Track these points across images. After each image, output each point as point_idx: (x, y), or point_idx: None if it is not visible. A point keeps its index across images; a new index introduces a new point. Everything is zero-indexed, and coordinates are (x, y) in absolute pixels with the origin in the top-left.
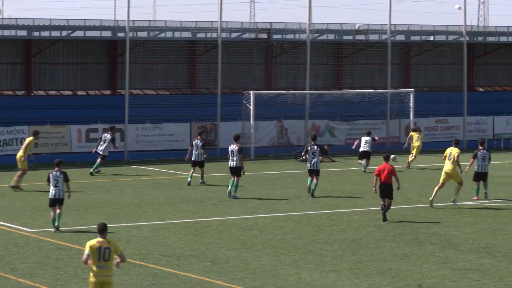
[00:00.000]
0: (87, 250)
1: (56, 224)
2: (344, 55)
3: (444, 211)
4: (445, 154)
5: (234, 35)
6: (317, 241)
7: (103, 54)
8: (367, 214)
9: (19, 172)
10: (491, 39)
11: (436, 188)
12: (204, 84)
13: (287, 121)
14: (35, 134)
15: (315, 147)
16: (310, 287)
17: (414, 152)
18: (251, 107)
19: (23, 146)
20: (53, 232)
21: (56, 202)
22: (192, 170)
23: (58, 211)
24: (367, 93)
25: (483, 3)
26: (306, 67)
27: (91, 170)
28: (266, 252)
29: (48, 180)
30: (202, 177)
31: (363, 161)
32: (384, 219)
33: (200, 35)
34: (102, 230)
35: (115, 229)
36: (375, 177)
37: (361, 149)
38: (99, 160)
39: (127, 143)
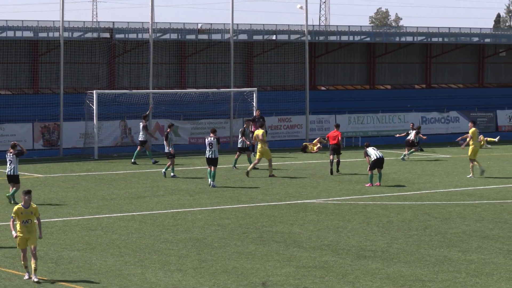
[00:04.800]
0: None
1: None
2: (187, 54)
3: (288, 209)
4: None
5: (76, 34)
6: (162, 241)
7: None
8: (212, 213)
9: None
10: (332, 38)
11: None
12: (46, 83)
13: (131, 120)
14: None
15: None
16: (155, 287)
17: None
18: (94, 107)
19: None
20: None
21: None
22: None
23: None
24: (210, 92)
25: (324, 2)
26: (149, 67)
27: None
28: (110, 252)
29: None
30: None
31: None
32: (332, 173)
33: (42, 35)
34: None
35: None
36: (326, 138)
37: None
38: (138, 148)
39: None
